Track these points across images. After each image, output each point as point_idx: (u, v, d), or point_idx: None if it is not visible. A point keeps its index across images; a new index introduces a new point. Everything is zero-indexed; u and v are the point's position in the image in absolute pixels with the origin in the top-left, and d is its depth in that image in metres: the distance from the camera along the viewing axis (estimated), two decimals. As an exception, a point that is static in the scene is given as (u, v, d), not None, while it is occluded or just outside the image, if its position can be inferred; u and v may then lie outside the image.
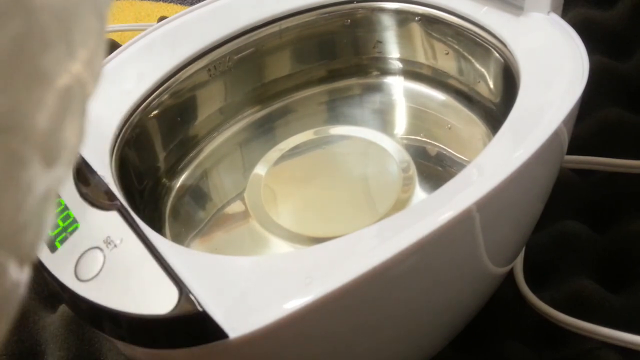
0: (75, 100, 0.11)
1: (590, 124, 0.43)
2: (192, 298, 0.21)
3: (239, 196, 0.35)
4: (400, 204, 0.33)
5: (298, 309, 0.20)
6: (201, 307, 0.21)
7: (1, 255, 0.10)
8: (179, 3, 0.72)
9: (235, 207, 0.35)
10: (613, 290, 0.35)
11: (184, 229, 0.34)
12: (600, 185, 0.40)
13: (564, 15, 0.32)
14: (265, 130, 0.39)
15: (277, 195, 0.35)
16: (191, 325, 0.21)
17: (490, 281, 0.31)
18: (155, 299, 0.21)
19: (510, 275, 0.36)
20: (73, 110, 0.11)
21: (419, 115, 0.39)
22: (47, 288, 0.41)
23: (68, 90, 0.11)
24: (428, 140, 0.37)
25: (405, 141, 0.37)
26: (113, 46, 0.61)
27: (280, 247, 0.32)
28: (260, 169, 0.36)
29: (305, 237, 0.32)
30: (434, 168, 0.35)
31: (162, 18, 0.63)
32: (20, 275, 0.11)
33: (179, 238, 0.33)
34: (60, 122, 0.11)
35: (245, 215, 0.34)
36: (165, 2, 0.72)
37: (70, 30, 0.11)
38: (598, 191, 0.40)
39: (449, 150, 0.36)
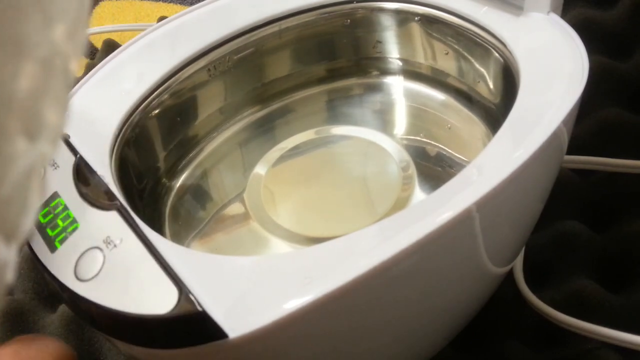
0: (56, 71, 0.11)
1: (590, 124, 0.43)
2: (192, 298, 0.21)
3: (239, 196, 0.35)
4: (400, 204, 0.33)
5: (298, 309, 0.20)
6: (201, 307, 0.21)
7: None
8: (179, 3, 0.72)
9: (235, 207, 0.35)
10: (613, 290, 0.35)
11: (184, 229, 0.34)
12: (600, 185, 0.40)
13: (564, 15, 0.32)
14: (265, 130, 0.39)
15: (276, 195, 0.35)
16: (191, 325, 0.21)
17: (490, 281, 0.31)
18: (154, 299, 0.21)
19: (510, 275, 0.36)
20: (54, 82, 0.11)
21: (419, 115, 0.39)
22: (47, 288, 0.41)
23: (48, 60, 0.10)
24: (428, 140, 0.37)
25: (405, 141, 0.37)
26: (113, 46, 0.61)
27: (280, 247, 0.32)
28: (260, 169, 0.36)
29: (305, 237, 0.32)
30: (434, 168, 0.35)
31: (162, 18, 0.63)
32: (7, 253, 0.11)
33: (178, 238, 0.33)
34: (42, 93, 0.10)
35: (245, 215, 0.34)
36: (165, 2, 0.72)
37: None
38: (598, 191, 0.40)
39: (449, 150, 0.36)
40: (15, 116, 0.10)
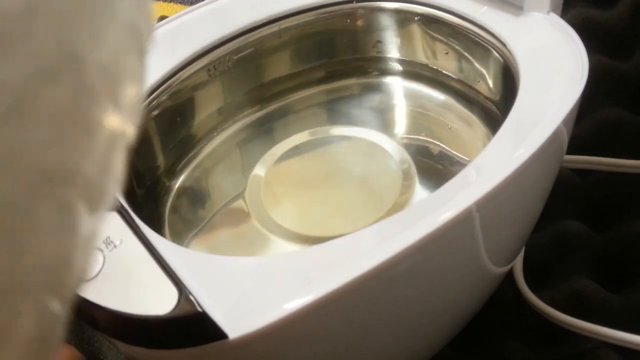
0: (118, 147, 0.12)
1: (590, 124, 0.43)
2: (192, 298, 0.21)
3: (239, 196, 0.35)
4: (400, 204, 0.33)
5: (298, 309, 0.20)
6: (201, 307, 0.21)
7: (47, 297, 0.11)
8: (179, 3, 0.72)
9: (235, 207, 0.35)
10: (613, 290, 0.35)
11: (184, 229, 0.34)
12: (600, 185, 0.40)
13: (564, 15, 0.32)
14: (265, 130, 0.39)
15: (277, 195, 0.35)
16: (191, 325, 0.21)
17: (490, 281, 0.31)
18: (154, 300, 0.21)
19: (510, 275, 0.36)
20: (116, 157, 0.12)
21: (419, 115, 0.39)
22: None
23: (112, 138, 0.11)
24: (428, 140, 0.37)
25: (405, 141, 0.37)
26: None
27: (280, 247, 0.32)
28: (259, 169, 0.36)
29: (305, 237, 0.32)
30: (434, 168, 0.35)
31: (162, 17, 0.63)
32: (62, 313, 0.11)
33: (178, 238, 0.33)
34: (105, 169, 0.11)
35: (245, 215, 0.34)
36: (165, 1, 0.72)
37: (117, 81, 0.11)
38: (598, 191, 0.40)
39: (449, 150, 0.36)
40: (83, 194, 0.11)
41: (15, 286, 0.10)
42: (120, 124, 0.11)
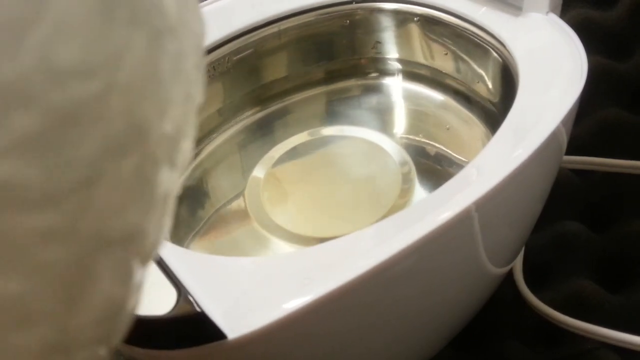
0: (169, 203, 0.12)
1: (589, 124, 0.43)
2: (191, 299, 0.21)
3: (239, 197, 0.35)
4: (399, 205, 0.33)
5: (297, 309, 0.20)
6: (199, 307, 0.21)
7: (102, 348, 0.12)
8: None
9: (235, 207, 0.35)
10: (612, 291, 0.35)
11: (184, 230, 0.34)
12: (599, 186, 0.40)
13: (564, 15, 0.32)
14: (265, 131, 0.39)
15: (276, 196, 0.35)
16: (190, 326, 0.21)
17: (490, 281, 0.31)
18: (153, 300, 0.21)
19: (509, 276, 0.36)
20: (168, 210, 0.12)
21: (418, 116, 0.39)
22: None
23: (166, 194, 0.12)
24: (427, 141, 0.37)
25: (404, 141, 0.37)
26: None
27: (280, 247, 0.32)
28: (259, 170, 0.36)
29: (305, 238, 0.32)
30: (434, 168, 0.35)
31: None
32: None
33: (178, 238, 0.33)
34: (160, 226, 0.12)
35: (244, 215, 0.34)
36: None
37: (175, 148, 0.12)
38: (597, 191, 0.40)
39: (448, 150, 0.36)
40: (141, 252, 0.11)
41: (71, 341, 0.11)
42: (174, 181, 0.12)
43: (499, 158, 0.25)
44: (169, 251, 0.23)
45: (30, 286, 0.10)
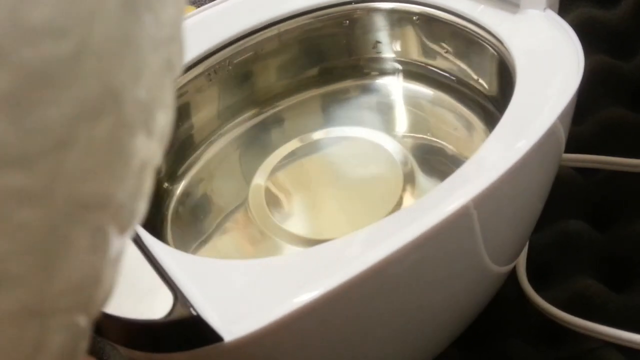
0: (148, 172, 0.12)
1: (593, 123, 0.42)
2: (187, 302, 0.21)
3: (241, 200, 0.35)
4: (400, 205, 0.33)
5: (293, 311, 0.20)
6: (195, 311, 0.21)
7: (79, 316, 0.12)
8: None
9: (237, 210, 0.35)
10: (616, 290, 0.35)
11: (187, 233, 0.34)
12: (603, 184, 0.40)
13: (567, 15, 0.32)
14: (267, 133, 0.39)
15: (279, 198, 0.35)
16: (186, 329, 0.21)
17: (492, 280, 0.31)
18: (151, 304, 0.21)
19: (513, 275, 0.36)
20: (146, 180, 0.12)
21: (418, 115, 0.39)
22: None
23: (144, 163, 0.12)
24: (428, 139, 0.37)
25: (405, 141, 0.37)
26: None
27: (283, 249, 0.32)
28: (262, 172, 0.36)
29: (309, 240, 0.32)
30: (435, 167, 0.35)
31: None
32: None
33: (182, 242, 0.33)
34: (137, 193, 0.12)
35: (248, 219, 0.34)
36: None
37: (151, 114, 0.12)
38: (601, 190, 0.40)
39: (449, 148, 0.36)
40: (115, 219, 0.11)
41: (47, 306, 0.11)
42: (152, 150, 0.12)
43: (496, 155, 0.25)
44: (166, 254, 0.23)
45: (6, 247, 0.10)
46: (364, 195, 0.34)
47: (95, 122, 0.10)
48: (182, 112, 0.36)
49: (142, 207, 0.12)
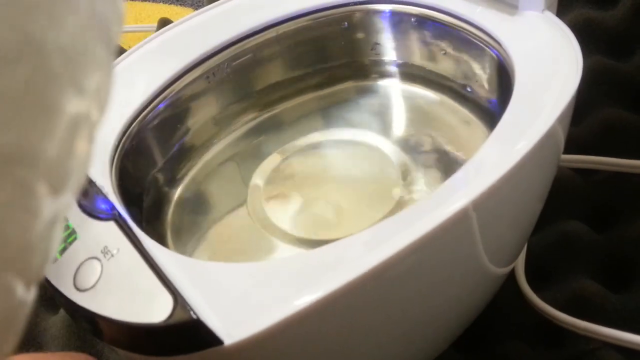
0: (82, 129, 0.12)
1: (592, 124, 0.42)
2: (187, 306, 0.21)
3: (240, 202, 0.35)
4: (400, 207, 0.33)
5: (294, 314, 0.20)
6: (195, 314, 0.21)
7: (9, 276, 0.11)
8: (179, 4, 0.72)
9: (237, 213, 0.35)
10: (615, 291, 0.35)
11: (186, 236, 0.34)
12: (602, 186, 0.40)
13: (565, 16, 0.32)
14: (265, 136, 0.39)
15: (278, 200, 0.35)
16: (186, 332, 0.21)
17: (491, 282, 0.31)
18: (150, 308, 0.21)
19: (511, 276, 0.36)
20: (80, 139, 0.12)
21: (417, 117, 0.39)
22: (48, 290, 0.41)
23: (75, 121, 0.11)
24: (426, 141, 0.37)
25: (403, 142, 0.37)
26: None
27: (284, 252, 0.32)
28: (260, 174, 0.36)
29: (309, 241, 0.32)
30: (433, 169, 0.35)
31: (162, 19, 0.64)
32: (27, 295, 0.11)
33: (181, 245, 0.33)
34: (68, 152, 0.11)
35: (247, 221, 0.34)
36: (165, 3, 0.73)
37: (79, 67, 0.11)
38: (600, 191, 0.40)
39: (448, 150, 0.36)
40: (43, 175, 0.11)
41: None
42: (84, 108, 0.12)
43: (495, 157, 0.25)
44: (166, 258, 0.23)
45: None
46: (363, 197, 0.34)
47: (11, 67, 0.10)
48: (181, 115, 0.36)
49: (78, 168, 0.12)
